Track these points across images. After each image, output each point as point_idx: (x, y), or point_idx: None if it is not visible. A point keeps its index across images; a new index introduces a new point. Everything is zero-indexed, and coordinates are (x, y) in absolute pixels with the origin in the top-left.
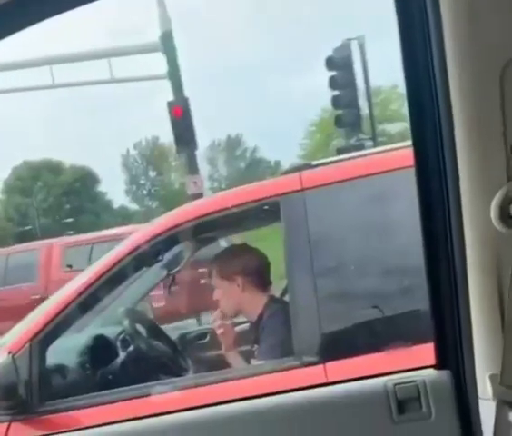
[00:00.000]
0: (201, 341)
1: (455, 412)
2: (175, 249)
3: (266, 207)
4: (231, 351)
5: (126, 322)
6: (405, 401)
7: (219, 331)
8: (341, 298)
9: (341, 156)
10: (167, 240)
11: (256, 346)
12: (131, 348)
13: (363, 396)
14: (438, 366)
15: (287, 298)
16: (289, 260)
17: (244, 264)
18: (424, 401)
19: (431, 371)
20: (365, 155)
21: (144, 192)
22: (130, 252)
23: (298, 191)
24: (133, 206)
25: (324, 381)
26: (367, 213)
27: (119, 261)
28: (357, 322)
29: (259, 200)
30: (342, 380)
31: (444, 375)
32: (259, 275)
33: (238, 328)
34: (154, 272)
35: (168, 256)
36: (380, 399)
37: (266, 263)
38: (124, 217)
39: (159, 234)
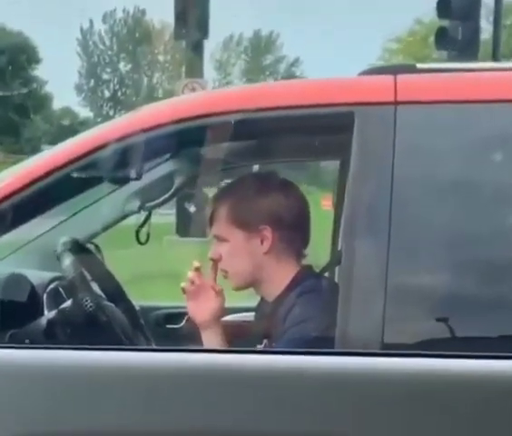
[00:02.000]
0: (172, 325)
1: None
2: (162, 167)
3: (328, 120)
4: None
5: (66, 263)
6: None
7: (189, 290)
8: (426, 288)
9: (474, 64)
10: (150, 148)
11: (265, 342)
12: (66, 305)
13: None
14: None
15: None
16: (351, 207)
17: (278, 207)
18: None
19: None
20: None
21: (107, 92)
22: (86, 154)
23: (388, 104)
24: (85, 111)
25: None
26: (501, 162)
27: (65, 164)
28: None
29: (319, 106)
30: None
31: None
32: (296, 228)
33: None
34: (123, 198)
35: (148, 176)
36: None
37: (307, 210)
38: (65, 127)
39: (139, 133)
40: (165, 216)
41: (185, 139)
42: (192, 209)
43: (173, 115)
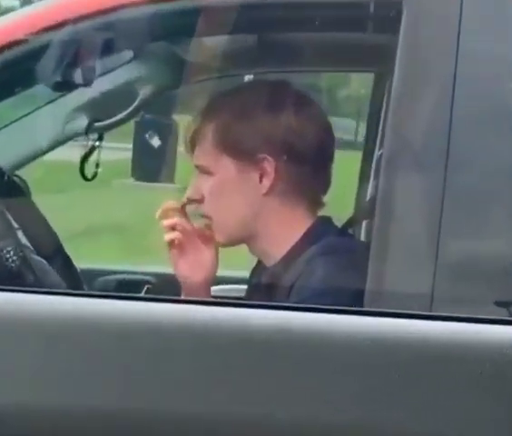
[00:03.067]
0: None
1: None
2: (121, 71)
3: (363, 9)
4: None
5: None
6: None
7: (171, 237)
8: (493, 254)
9: None
10: (105, 40)
11: None
12: None
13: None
14: None
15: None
16: (392, 137)
17: (285, 130)
18: None
19: None
20: None
21: None
22: (12, 44)
23: None
24: None
25: None
26: None
27: None
28: None
29: None
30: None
31: None
32: (312, 162)
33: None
34: (64, 112)
35: (102, 83)
36: None
37: (329, 137)
38: None
39: (90, 17)
40: (117, 152)
41: (155, 29)
42: (154, 142)
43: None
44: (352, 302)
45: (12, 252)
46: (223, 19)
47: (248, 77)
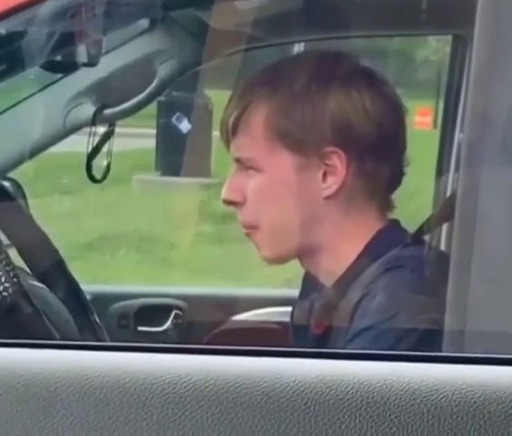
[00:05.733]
0: (149, 327)
1: None
2: (133, 45)
3: None
4: None
5: None
6: None
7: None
8: None
9: None
10: (113, 7)
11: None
12: None
13: None
14: None
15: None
16: (477, 117)
17: (358, 116)
18: None
19: None
20: None
21: None
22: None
23: None
24: None
25: None
26: None
27: None
28: None
29: None
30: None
31: None
32: (386, 155)
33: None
34: (65, 99)
35: (110, 61)
36: None
37: (403, 125)
38: None
39: None
40: (137, 139)
41: None
42: (183, 126)
43: None
44: (423, 337)
45: (3, 279)
46: None
47: (297, 46)
